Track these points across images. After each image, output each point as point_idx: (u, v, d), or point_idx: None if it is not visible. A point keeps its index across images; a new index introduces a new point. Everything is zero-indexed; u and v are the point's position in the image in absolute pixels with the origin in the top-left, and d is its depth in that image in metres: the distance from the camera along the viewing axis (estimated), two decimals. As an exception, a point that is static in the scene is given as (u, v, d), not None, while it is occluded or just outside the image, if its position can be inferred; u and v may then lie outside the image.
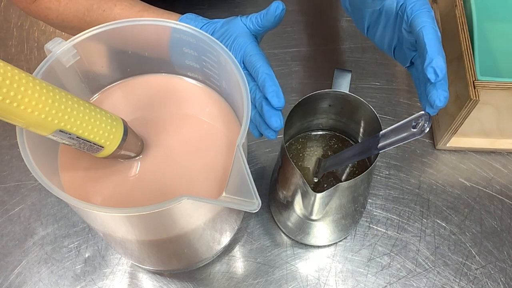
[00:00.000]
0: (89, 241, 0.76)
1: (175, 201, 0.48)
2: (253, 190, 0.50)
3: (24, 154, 0.51)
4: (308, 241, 0.76)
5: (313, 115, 0.71)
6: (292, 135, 0.74)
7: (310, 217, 0.68)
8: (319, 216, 0.68)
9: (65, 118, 0.49)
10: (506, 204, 0.81)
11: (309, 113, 0.70)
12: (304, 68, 0.93)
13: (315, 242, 0.76)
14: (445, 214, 0.80)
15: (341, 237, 0.76)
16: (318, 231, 0.73)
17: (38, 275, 0.74)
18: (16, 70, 0.44)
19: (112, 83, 0.69)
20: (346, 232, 0.76)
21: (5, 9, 0.98)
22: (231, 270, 0.75)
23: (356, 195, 0.67)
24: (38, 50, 0.94)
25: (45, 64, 0.57)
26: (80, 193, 0.60)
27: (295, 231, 0.74)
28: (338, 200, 0.65)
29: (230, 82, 0.62)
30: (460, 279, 0.75)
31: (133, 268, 0.75)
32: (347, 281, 0.74)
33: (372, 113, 0.64)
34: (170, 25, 0.60)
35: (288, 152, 0.63)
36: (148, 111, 0.67)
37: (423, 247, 0.77)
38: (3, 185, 0.80)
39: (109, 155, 0.58)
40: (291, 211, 0.70)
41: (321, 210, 0.66)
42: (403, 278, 0.75)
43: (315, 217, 0.68)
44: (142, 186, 0.61)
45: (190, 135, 0.65)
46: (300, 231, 0.73)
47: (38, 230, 0.77)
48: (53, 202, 0.79)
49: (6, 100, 0.43)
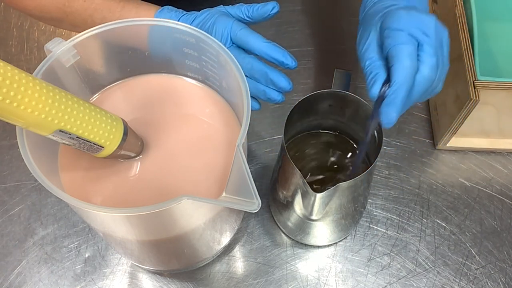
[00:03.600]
0: (89, 241, 0.76)
1: (175, 201, 0.48)
2: (253, 190, 0.50)
3: (24, 154, 0.51)
4: (308, 241, 0.76)
5: (313, 115, 0.71)
6: (292, 135, 0.74)
7: (310, 217, 0.68)
8: (319, 216, 0.68)
9: (65, 118, 0.50)
10: (506, 204, 0.81)
11: (309, 113, 0.70)
12: (304, 68, 0.93)
13: (315, 242, 0.76)
14: (445, 214, 0.80)
15: (341, 237, 0.76)
16: (318, 231, 0.73)
17: (38, 275, 0.74)
18: (16, 70, 0.45)
19: (112, 83, 0.69)
20: (346, 232, 0.76)
21: (5, 9, 0.98)
22: (231, 270, 0.75)
23: (356, 195, 0.67)
24: (38, 50, 0.94)
25: (45, 64, 0.57)
26: (80, 193, 0.60)
27: (295, 231, 0.74)
28: (338, 200, 0.65)
29: (230, 82, 0.62)
30: (460, 279, 0.75)
31: (133, 268, 0.75)
32: (347, 281, 0.74)
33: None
34: (170, 25, 0.60)
35: (288, 152, 0.63)
36: (148, 111, 0.67)
37: (423, 247, 0.77)
38: (3, 185, 0.80)
39: (109, 155, 0.58)
40: (291, 211, 0.70)
41: (321, 210, 0.66)
42: (403, 278, 0.75)
43: (315, 217, 0.68)
44: (142, 186, 0.61)
45: (190, 135, 0.65)
46: (300, 231, 0.73)
47: (38, 230, 0.77)
48: (53, 202, 0.79)
49: (6, 100, 0.43)
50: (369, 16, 0.64)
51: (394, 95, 0.55)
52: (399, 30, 0.56)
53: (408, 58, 0.54)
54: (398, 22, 0.57)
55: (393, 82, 0.54)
